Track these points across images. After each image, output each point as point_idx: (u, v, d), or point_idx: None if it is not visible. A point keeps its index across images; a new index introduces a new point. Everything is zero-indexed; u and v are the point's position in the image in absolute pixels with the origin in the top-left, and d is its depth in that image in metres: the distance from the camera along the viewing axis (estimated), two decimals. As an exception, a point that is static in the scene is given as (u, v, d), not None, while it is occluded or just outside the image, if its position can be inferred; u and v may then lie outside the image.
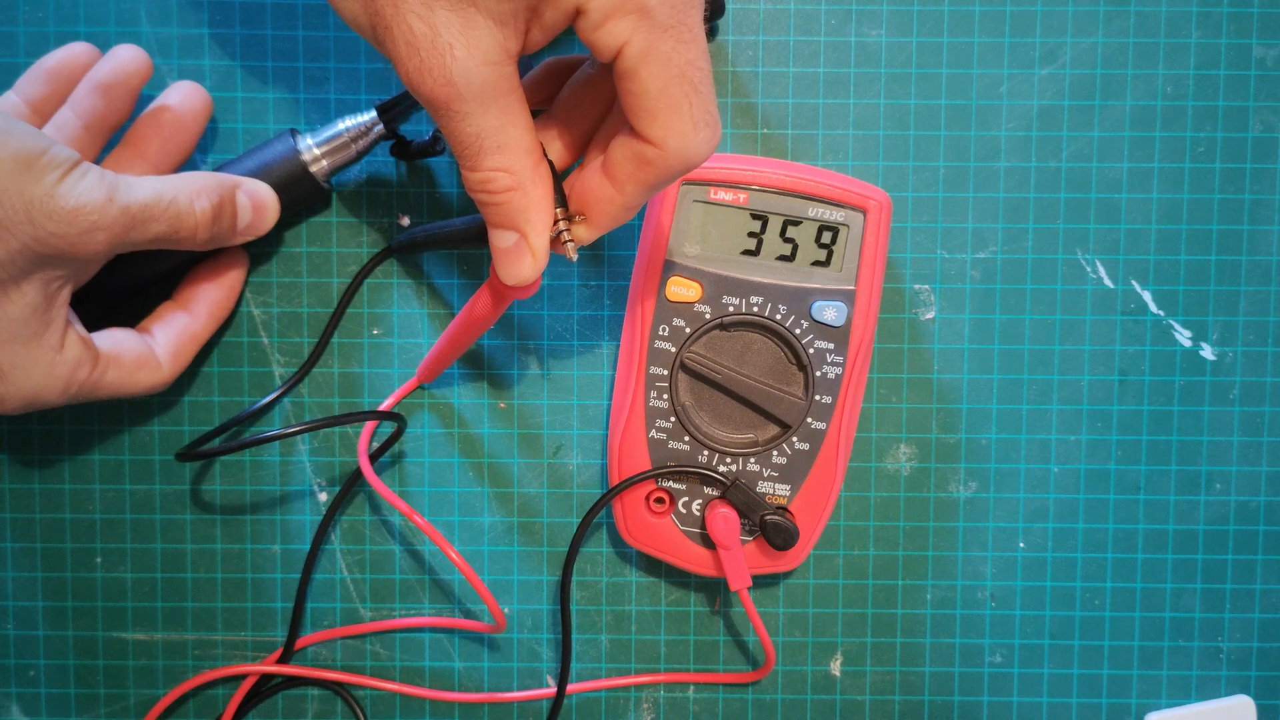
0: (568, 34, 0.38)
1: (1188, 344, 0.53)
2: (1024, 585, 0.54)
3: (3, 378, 0.43)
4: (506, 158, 0.39)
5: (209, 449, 0.48)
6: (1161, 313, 0.53)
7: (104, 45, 0.50)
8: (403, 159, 0.52)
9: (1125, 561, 0.53)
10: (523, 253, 0.41)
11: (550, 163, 0.41)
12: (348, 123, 0.49)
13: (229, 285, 0.51)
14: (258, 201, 0.48)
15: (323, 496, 0.54)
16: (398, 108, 0.49)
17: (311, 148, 0.49)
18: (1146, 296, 0.53)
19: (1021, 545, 0.54)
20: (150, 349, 0.48)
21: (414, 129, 0.52)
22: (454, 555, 0.49)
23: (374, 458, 0.51)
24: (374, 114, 0.49)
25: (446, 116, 0.38)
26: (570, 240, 0.41)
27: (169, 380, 0.49)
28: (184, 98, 0.49)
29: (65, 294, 0.44)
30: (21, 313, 0.42)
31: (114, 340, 0.47)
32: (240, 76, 0.52)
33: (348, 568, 0.54)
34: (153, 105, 0.49)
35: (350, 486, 0.53)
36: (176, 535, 0.54)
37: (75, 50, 0.49)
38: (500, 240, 0.41)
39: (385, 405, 0.52)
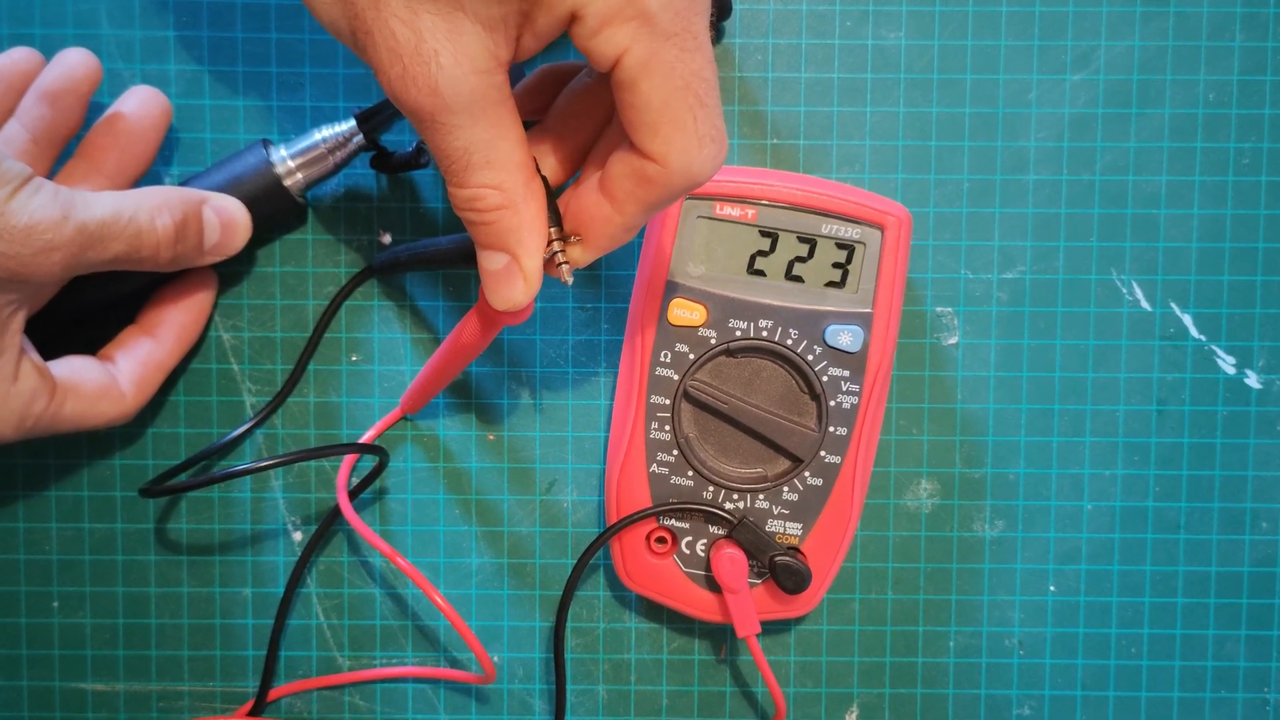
0: (564, 40, 0.38)
1: (1231, 371, 0.52)
2: (1054, 632, 0.53)
3: None
4: (496, 173, 0.38)
5: (175, 484, 0.48)
6: (1203, 338, 0.52)
7: (61, 47, 0.50)
8: (384, 172, 0.51)
9: (1164, 606, 0.53)
10: (514, 276, 0.40)
11: (544, 179, 0.40)
12: (325, 132, 0.49)
13: (197, 308, 0.50)
14: (226, 218, 0.47)
15: (298, 536, 0.53)
16: (379, 116, 0.49)
17: (285, 159, 0.49)
18: (1187, 320, 0.52)
19: (1052, 589, 0.53)
20: (112, 378, 0.47)
21: (396, 139, 0.51)
22: (439, 600, 0.48)
23: (353, 494, 0.51)
24: (353, 123, 0.49)
25: (432, 129, 0.37)
26: (565, 262, 0.41)
27: (133, 411, 0.48)
28: (141, 104, 0.48)
29: (19, 319, 0.43)
30: None
31: (72, 369, 0.46)
32: (208, 82, 0.51)
33: (324, 613, 0.53)
34: (107, 113, 0.48)
35: (327, 525, 0.52)
36: (140, 578, 0.53)
37: (15, 56, 0.47)
38: (490, 262, 0.40)
39: (366, 438, 0.52)
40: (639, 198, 0.38)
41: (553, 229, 0.40)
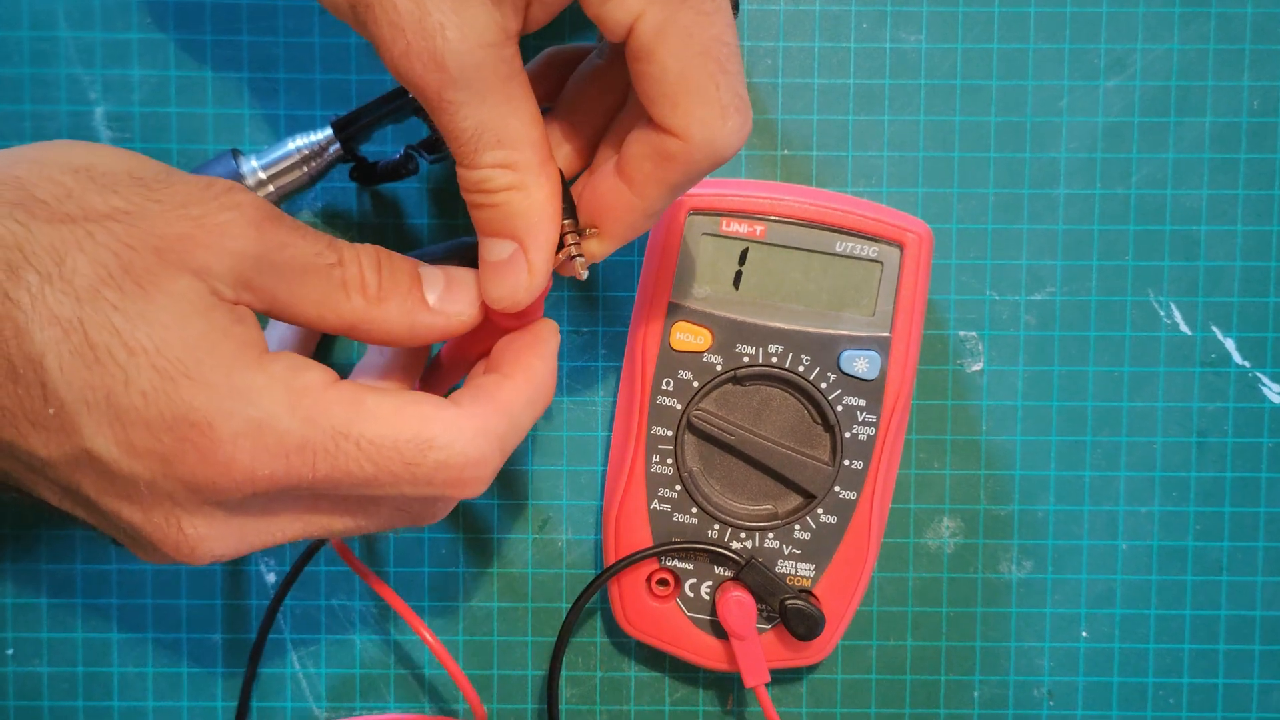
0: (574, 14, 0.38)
1: (1278, 400, 0.51)
2: (1087, 681, 0.52)
3: None
4: (508, 153, 0.37)
5: None
6: (1247, 364, 0.51)
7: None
8: (364, 184, 0.50)
9: (1205, 654, 0.52)
10: (518, 267, 0.38)
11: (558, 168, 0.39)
12: (299, 142, 0.48)
13: None
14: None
15: (271, 577, 0.52)
16: (357, 124, 0.48)
17: (256, 171, 0.47)
18: (1229, 345, 0.51)
19: (1084, 634, 0.52)
20: None
21: (376, 149, 0.50)
22: (430, 639, 0.47)
23: (331, 532, 0.50)
24: (329, 132, 0.48)
25: (439, 108, 0.36)
26: (580, 255, 0.39)
27: None
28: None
29: None
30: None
31: None
32: (175, 88, 0.51)
33: (300, 661, 0.52)
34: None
35: (303, 564, 0.50)
36: (101, 623, 0.52)
37: None
38: (492, 252, 0.38)
39: (344, 471, 0.50)
40: (660, 178, 0.37)
41: (566, 221, 0.39)
